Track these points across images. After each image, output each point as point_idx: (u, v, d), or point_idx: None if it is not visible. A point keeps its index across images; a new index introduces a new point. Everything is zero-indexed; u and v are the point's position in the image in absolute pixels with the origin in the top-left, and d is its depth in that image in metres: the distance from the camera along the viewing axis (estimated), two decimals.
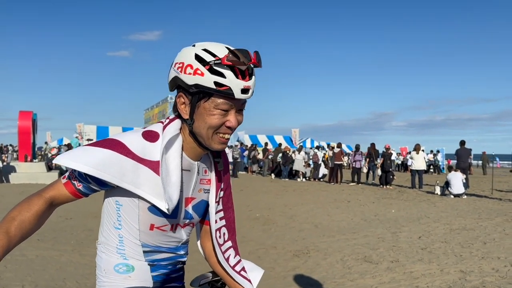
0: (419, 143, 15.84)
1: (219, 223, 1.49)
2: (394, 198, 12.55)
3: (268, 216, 8.77)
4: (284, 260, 5.31)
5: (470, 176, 16.12)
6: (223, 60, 1.18)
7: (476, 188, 15.46)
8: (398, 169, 28.33)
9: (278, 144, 23.84)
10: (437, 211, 9.83)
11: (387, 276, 4.63)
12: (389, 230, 7.34)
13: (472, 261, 5.25)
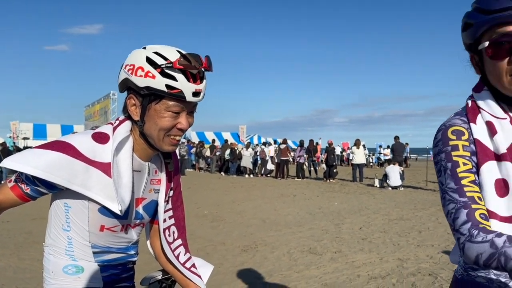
0: (359, 139, 16.57)
1: (168, 222, 1.52)
2: (337, 192, 13.06)
3: (216, 212, 8.81)
4: (232, 255, 5.38)
5: (406, 169, 17.12)
6: (175, 63, 1.21)
7: (412, 180, 16.45)
8: (341, 163, 29.38)
9: (224, 140, 23.84)
10: (376, 203, 10.38)
11: (330, 266, 4.85)
12: (333, 222, 7.66)
13: (408, 249, 5.63)
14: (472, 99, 1.20)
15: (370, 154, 30.10)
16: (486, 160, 1.10)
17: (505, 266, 0.94)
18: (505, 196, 1.08)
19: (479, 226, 1.01)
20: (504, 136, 1.11)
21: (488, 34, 1.10)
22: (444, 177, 1.10)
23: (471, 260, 1.00)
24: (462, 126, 1.14)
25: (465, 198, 1.05)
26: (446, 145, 1.12)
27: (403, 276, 4.45)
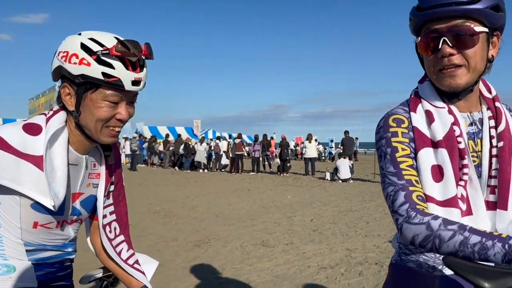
0: (311, 133, 16.90)
1: (109, 218, 1.47)
2: (290, 185, 13.26)
3: (169, 208, 8.67)
4: (184, 251, 5.32)
5: (355, 162, 17.69)
6: (112, 50, 1.16)
7: (361, 173, 17.02)
8: (295, 157, 29.86)
9: (178, 135, 23.46)
10: (327, 195, 10.65)
11: (282, 258, 4.92)
12: (285, 215, 7.77)
13: (356, 239, 5.82)
14: (416, 89, 1.26)
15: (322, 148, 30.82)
16: (423, 147, 1.14)
17: (438, 248, 0.99)
18: (440, 181, 1.13)
19: (416, 208, 1.05)
20: (441, 124, 1.16)
21: (423, 29, 1.16)
22: (384, 162, 1.15)
23: (407, 241, 1.03)
24: (403, 115, 1.20)
25: (403, 181, 1.09)
26: (386, 132, 1.17)
27: (351, 266, 4.60)
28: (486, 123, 1.21)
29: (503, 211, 1.18)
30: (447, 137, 1.14)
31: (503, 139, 1.19)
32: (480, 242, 0.94)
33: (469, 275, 0.92)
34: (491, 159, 1.20)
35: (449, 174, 1.13)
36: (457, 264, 0.96)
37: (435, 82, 1.18)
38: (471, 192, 1.16)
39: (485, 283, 0.90)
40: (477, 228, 0.98)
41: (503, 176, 1.17)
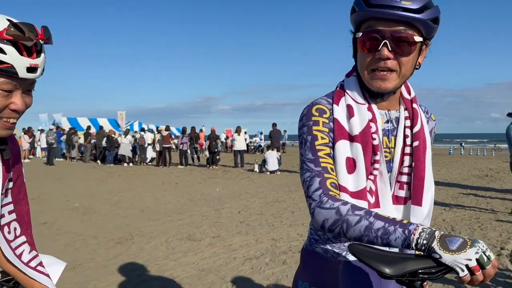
0: (240, 126, 16.99)
1: (7, 218, 1.33)
2: (219, 178, 13.24)
3: (88, 205, 8.22)
4: (105, 249, 5.07)
5: (283, 154, 18.13)
6: (2, 33, 1.03)
7: (288, 165, 17.47)
8: (226, 150, 29.88)
9: (99, 127, 22.30)
10: (255, 187, 10.79)
11: (208, 251, 4.88)
12: (213, 208, 7.74)
13: (282, 229, 5.96)
14: (342, 82, 1.28)
15: (252, 141, 31.17)
16: (340, 138, 1.18)
17: (346, 233, 1.02)
18: (352, 173, 1.17)
19: (329, 194, 1.08)
20: (359, 120, 1.19)
21: (365, 25, 1.15)
22: (304, 149, 1.18)
23: (318, 225, 1.07)
24: (326, 106, 1.22)
25: (320, 168, 1.13)
26: (309, 120, 1.20)
27: (275, 255, 4.70)
28: (402, 122, 1.27)
29: (417, 207, 1.23)
30: (363, 133, 1.18)
31: (418, 139, 1.25)
32: (383, 227, 0.98)
33: (371, 261, 0.96)
34: (403, 157, 1.26)
35: (361, 167, 1.17)
36: (360, 251, 0.99)
37: (365, 80, 1.20)
38: (380, 186, 1.22)
39: (385, 268, 0.95)
40: (382, 214, 1.02)
41: (418, 174, 1.23)
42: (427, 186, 1.24)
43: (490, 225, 6.21)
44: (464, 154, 27.52)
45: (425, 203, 1.23)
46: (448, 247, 0.91)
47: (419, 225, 0.96)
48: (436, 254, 0.92)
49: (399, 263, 0.96)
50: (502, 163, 18.28)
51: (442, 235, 0.94)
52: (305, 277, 1.30)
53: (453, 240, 0.92)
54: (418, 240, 0.93)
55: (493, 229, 5.97)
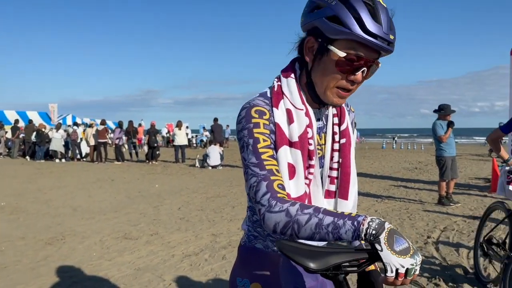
0: (180, 120, 16.70)
1: None
2: (159, 173, 12.93)
3: (16, 204, 7.67)
4: (34, 250, 4.76)
5: (226, 149, 18.09)
6: None
7: (230, 160, 17.48)
8: (167, 145, 29.26)
9: (29, 121, 20.86)
10: (196, 182, 10.67)
11: (145, 250, 4.74)
12: (152, 205, 7.54)
13: (222, 224, 5.94)
14: (279, 83, 1.24)
15: (193, 135, 30.80)
16: (282, 144, 1.17)
17: (298, 233, 1.01)
18: (292, 178, 1.18)
19: (277, 197, 1.06)
20: (298, 126, 1.19)
21: (347, 44, 1.09)
22: (247, 153, 1.14)
23: (270, 229, 1.05)
24: (265, 107, 1.19)
25: (265, 171, 1.10)
26: (249, 123, 1.16)
27: (215, 250, 4.67)
28: (330, 120, 1.30)
29: (344, 200, 1.29)
30: (301, 139, 1.19)
31: (345, 136, 1.31)
32: (333, 222, 0.98)
33: (296, 256, 0.97)
34: (332, 153, 1.30)
35: (300, 173, 1.18)
36: (286, 246, 0.99)
37: (322, 93, 1.18)
38: (313, 190, 1.24)
39: (310, 263, 0.95)
40: (331, 210, 1.03)
41: (344, 170, 1.29)
42: (353, 181, 1.31)
43: (418, 215, 6.61)
44: (396, 148, 29.15)
45: (351, 197, 1.30)
46: (392, 246, 0.93)
47: (367, 216, 0.98)
48: (379, 245, 0.93)
49: (323, 257, 0.97)
50: (430, 156, 19.56)
51: (391, 230, 0.95)
52: (245, 273, 1.29)
53: (400, 240, 0.94)
54: (368, 230, 0.94)
55: (421, 218, 6.36)
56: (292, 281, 1.27)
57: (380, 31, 1.07)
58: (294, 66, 1.26)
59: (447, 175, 7.53)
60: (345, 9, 1.07)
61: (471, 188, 9.64)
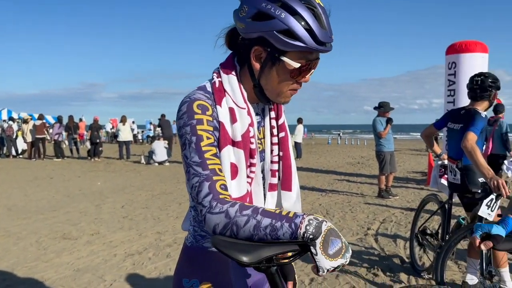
0: (125, 115, 16.18)
1: None
2: (102, 170, 12.47)
3: None
4: None
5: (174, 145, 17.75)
6: None
7: (178, 155, 17.19)
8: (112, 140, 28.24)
9: None
10: (141, 179, 10.41)
11: (85, 250, 4.56)
12: (93, 203, 7.25)
13: (167, 222, 5.84)
14: (220, 79, 1.20)
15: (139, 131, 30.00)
16: (226, 144, 1.15)
17: (237, 235, 1.01)
18: (235, 178, 1.17)
19: (219, 198, 1.05)
20: (241, 126, 1.17)
21: (297, 53, 1.11)
22: (189, 151, 1.10)
23: (210, 230, 1.04)
24: (207, 101, 1.15)
25: (208, 171, 1.07)
26: (191, 119, 1.12)
27: (159, 249, 4.58)
28: (267, 114, 1.31)
29: (288, 192, 1.32)
30: (244, 138, 1.18)
31: (283, 130, 1.33)
32: (271, 224, 0.99)
33: (229, 251, 0.98)
34: (271, 147, 1.31)
35: (243, 173, 1.18)
36: (219, 242, 1.00)
37: (276, 96, 1.20)
38: (254, 188, 1.25)
39: (243, 257, 0.97)
40: (269, 210, 1.02)
41: (286, 162, 1.32)
42: (294, 172, 1.34)
43: (359, 208, 6.89)
44: (341, 144, 30.15)
45: (294, 188, 1.34)
46: (327, 250, 0.97)
47: (304, 217, 0.98)
48: (314, 249, 0.97)
49: (255, 250, 0.99)
50: (372, 151, 20.39)
51: (328, 232, 0.97)
52: (193, 274, 1.25)
53: (335, 242, 0.98)
54: (305, 234, 0.97)
55: (362, 211, 6.63)
56: (242, 276, 1.28)
57: (327, 37, 1.10)
58: (233, 62, 1.23)
59: (386, 169, 7.90)
60: (295, 22, 1.07)
61: (409, 181, 10.18)
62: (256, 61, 1.16)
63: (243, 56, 1.20)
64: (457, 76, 7.91)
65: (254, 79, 1.19)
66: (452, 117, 3.52)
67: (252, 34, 1.12)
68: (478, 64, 7.69)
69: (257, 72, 1.17)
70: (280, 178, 1.32)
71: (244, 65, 1.21)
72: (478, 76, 3.31)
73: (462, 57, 7.91)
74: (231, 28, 1.23)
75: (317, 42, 1.09)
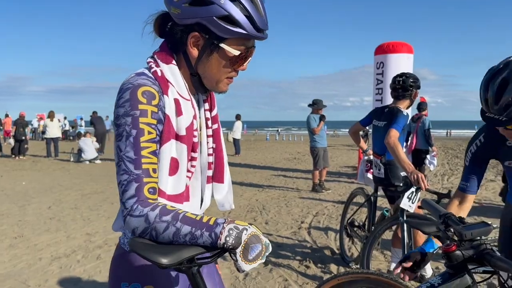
0: (52, 110, 15.25)
1: None
2: (27, 169, 11.68)
3: None
4: None
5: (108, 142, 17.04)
6: None
7: (111, 153, 16.52)
8: (34, 137, 26.48)
9: None
10: (70, 178, 9.89)
11: (8, 255, 4.25)
12: (17, 204, 6.77)
13: (98, 223, 5.60)
14: (160, 68, 1.13)
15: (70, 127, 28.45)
16: (169, 138, 1.10)
17: (156, 239, 0.99)
18: (174, 175, 1.12)
19: (140, 200, 1.01)
20: (186, 119, 1.13)
21: (237, 40, 1.10)
22: (125, 144, 1.03)
23: (131, 232, 1.02)
24: (153, 87, 1.07)
25: (140, 171, 1.02)
26: (134, 109, 1.03)
27: (89, 251, 4.38)
28: (202, 106, 1.27)
29: (220, 184, 1.31)
30: (188, 132, 1.14)
31: (216, 122, 1.31)
32: (190, 233, 0.98)
33: (147, 253, 0.96)
34: (207, 139, 1.28)
35: (183, 168, 1.15)
36: (137, 244, 0.98)
37: (214, 84, 1.17)
38: (192, 184, 1.22)
39: (162, 259, 0.95)
40: (190, 216, 1.00)
41: (218, 154, 1.30)
42: (226, 164, 1.34)
43: (294, 202, 7.08)
44: (279, 140, 30.73)
45: (226, 180, 1.33)
46: (247, 257, 0.99)
47: (225, 226, 0.98)
48: (234, 257, 0.99)
49: (175, 251, 0.98)
50: (307, 147, 21.03)
51: (248, 240, 0.99)
52: (132, 277, 1.17)
53: (255, 248, 1.00)
54: (225, 244, 0.97)
55: (297, 205, 6.82)
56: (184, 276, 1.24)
57: (265, 23, 1.11)
58: (170, 51, 1.16)
59: (320, 165, 8.19)
60: (235, 8, 1.05)
61: (341, 175, 10.63)
62: (193, 48, 1.11)
63: (178, 44, 1.14)
64: (384, 75, 8.37)
65: (191, 67, 1.15)
66: (377, 114, 3.72)
67: (188, 20, 1.07)
68: (404, 64, 8.20)
69: (194, 60, 1.13)
70: (214, 170, 1.31)
71: (179, 53, 1.16)
72: (400, 76, 3.52)
73: (389, 57, 8.39)
74: (160, 14, 1.16)
75: (256, 29, 1.09)
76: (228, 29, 1.06)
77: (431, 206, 1.44)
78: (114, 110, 1.06)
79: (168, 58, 1.14)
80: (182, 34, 1.11)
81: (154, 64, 1.14)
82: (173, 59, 1.15)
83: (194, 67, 1.14)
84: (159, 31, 1.18)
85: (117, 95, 1.07)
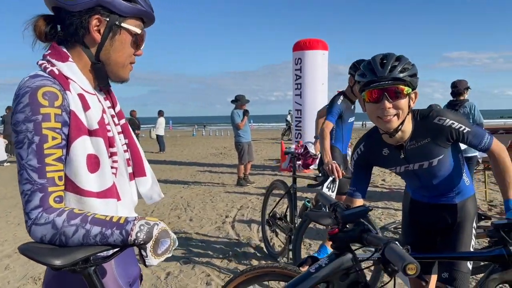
0: None
1: None
2: None
3: None
4: None
5: None
6: None
7: None
8: None
9: None
10: None
11: None
12: None
13: (7, 230, 5.19)
14: (56, 67, 1.07)
15: None
16: (79, 135, 1.05)
17: (66, 244, 0.98)
18: (96, 171, 1.08)
19: (46, 209, 0.98)
20: (96, 112, 1.10)
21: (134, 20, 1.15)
22: (27, 151, 0.97)
23: (37, 241, 0.98)
24: (54, 87, 1.01)
25: (44, 180, 0.98)
26: (36, 113, 0.97)
27: None
28: (104, 103, 1.23)
29: (143, 177, 1.29)
30: (100, 125, 1.10)
31: (122, 117, 1.29)
32: (100, 233, 0.99)
33: (39, 256, 0.96)
34: (118, 135, 1.25)
35: (106, 164, 1.11)
36: (29, 248, 0.97)
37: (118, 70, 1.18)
38: (119, 180, 1.19)
39: (55, 260, 0.95)
40: (99, 217, 1.01)
41: (133, 148, 1.28)
42: (144, 157, 1.33)
43: (220, 197, 7.11)
44: (206, 135, 30.58)
45: (148, 172, 1.32)
46: (156, 251, 1.04)
47: (135, 223, 1.01)
48: (144, 252, 1.03)
49: (68, 252, 0.99)
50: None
51: (159, 235, 1.04)
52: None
53: (164, 242, 1.06)
54: (135, 241, 1.00)
55: (222, 200, 6.86)
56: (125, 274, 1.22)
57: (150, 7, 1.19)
58: (63, 50, 1.12)
59: (245, 159, 8.31)
60: None
61: (265, 168, 10.87)
62: (95, 33, 1.11)
63: (73, 36, 1.10)
64: (302, 71, 8.70)
65: (92, 56, 1.13)
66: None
67: (86, 3, 1.07)
68: (320, 60, 8.59)
69: (96, 46, 1.12)
70: (132, 165, 1.28)
71: (75, 47, 1.12)
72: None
73: (306, 53, 8.72)
74: (40, 17, 1.12)
75: (149, 7, 1.17)
76: (128, 6, 1.12)
77: (324, 198, 1.55)
78: (12, 116, 1.00)
79: (63, 57, 1.10)
80: (79, 23, 1.09)
81: (49, 64, 1.09)
82: (69, 56, 1.11)
83: (96, 54, 1.13)
84: (44, 35, 1.12)
85: (14, 101, 1.01)
